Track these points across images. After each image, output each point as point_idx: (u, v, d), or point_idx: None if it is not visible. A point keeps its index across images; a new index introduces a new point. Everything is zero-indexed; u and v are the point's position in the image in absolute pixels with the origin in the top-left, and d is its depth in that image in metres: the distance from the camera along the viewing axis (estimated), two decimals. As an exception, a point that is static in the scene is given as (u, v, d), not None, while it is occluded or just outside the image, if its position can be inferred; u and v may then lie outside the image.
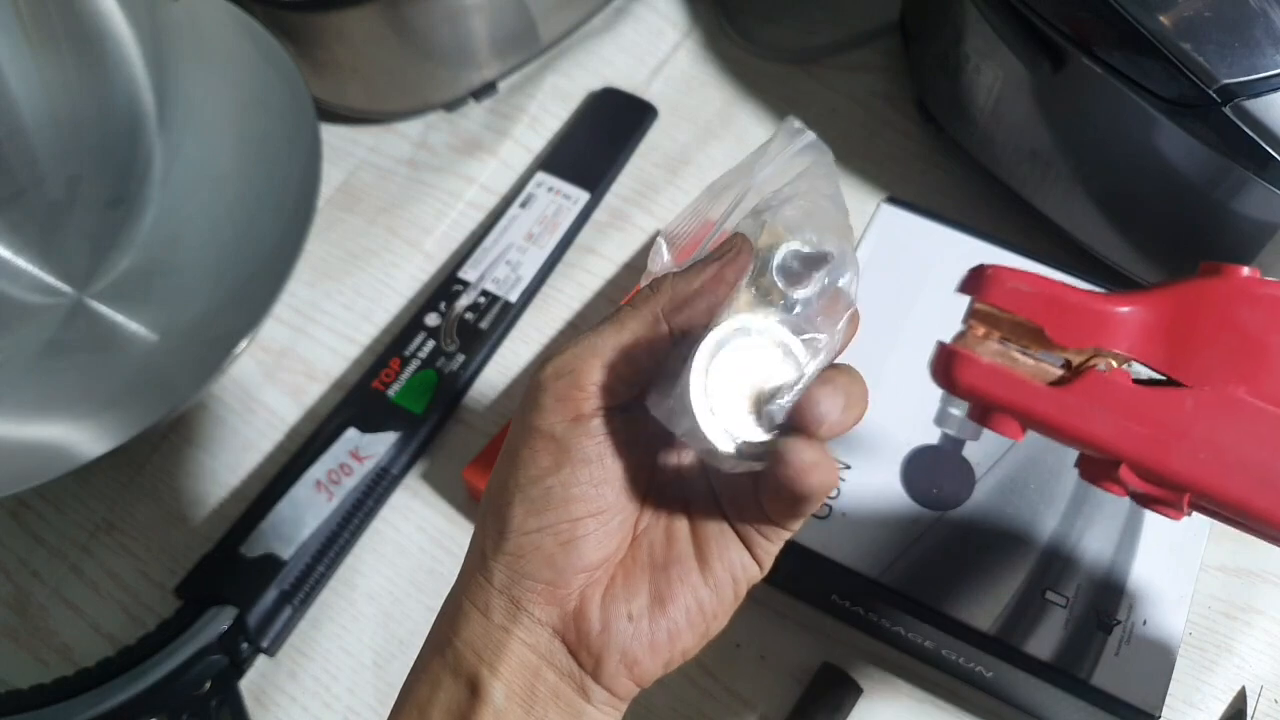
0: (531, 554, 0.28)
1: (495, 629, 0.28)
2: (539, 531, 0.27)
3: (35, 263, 0.58)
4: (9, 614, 0.50)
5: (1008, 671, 0.42)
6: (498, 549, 0.28)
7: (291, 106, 0.53)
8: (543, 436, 0.27)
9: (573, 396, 0.27)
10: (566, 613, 0.28)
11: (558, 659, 0.28)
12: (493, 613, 0.28)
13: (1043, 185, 0.54)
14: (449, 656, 0.28)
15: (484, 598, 0.28)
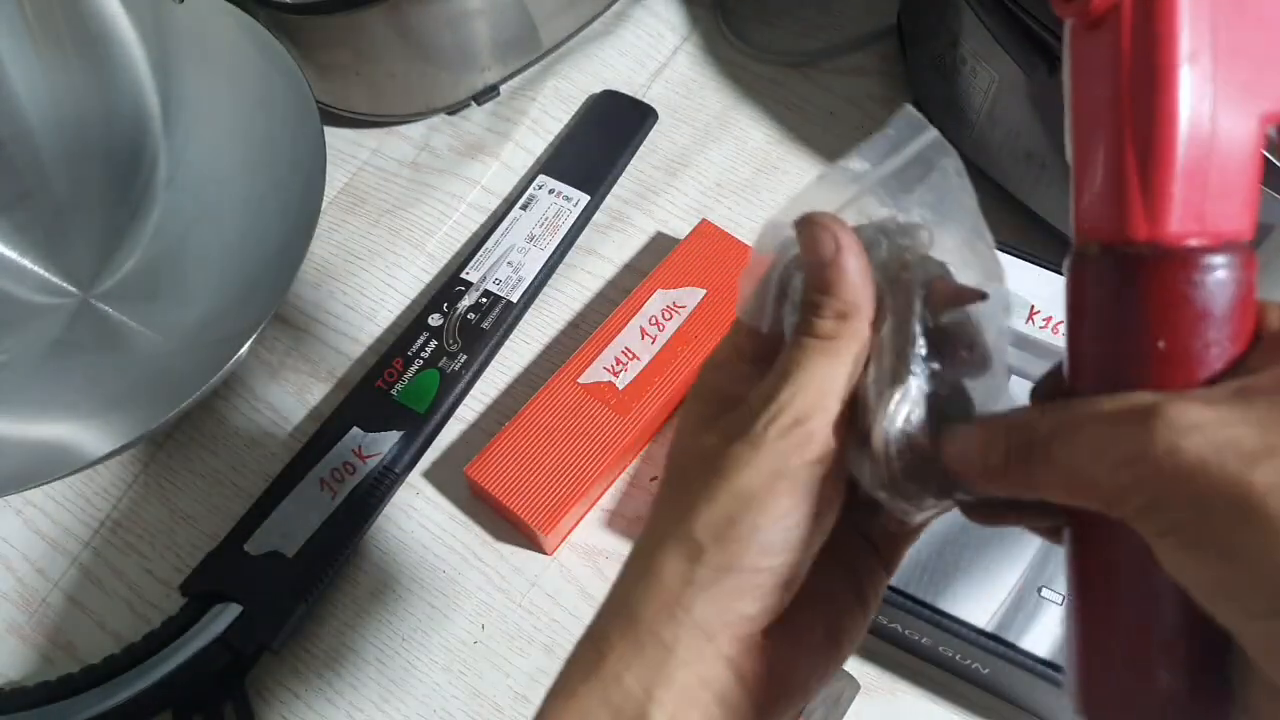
0: (750, 593, 0.26)
1: (675, 663, 0.26)
2: (766, 571, 0.26)
3: (41, 263, 0.58)
4: (15, 612, 0.50)
5: (1004, 668, 0.42)
6: (714, 583, 0.26)
7: (295, 109, 0.53)
8: (786, 480, 0.26)
9: (814, 439, 0.26)
10: (751, 646, 0.26)
11: (728, 693, 0.26)
12: (678, 647, 0.26)
13: (1038, 187, 0.54)
14: (613, 692, 0.26)
15: (673, 631, 0.26)
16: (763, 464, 0.26)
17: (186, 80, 0.58)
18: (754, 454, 0.26)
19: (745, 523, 0.26)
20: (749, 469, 0.26)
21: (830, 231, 0.27)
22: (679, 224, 0.60)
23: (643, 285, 0.54)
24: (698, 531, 0.26)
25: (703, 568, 0.26)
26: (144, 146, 0.59)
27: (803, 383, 0.26)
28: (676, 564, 0.26)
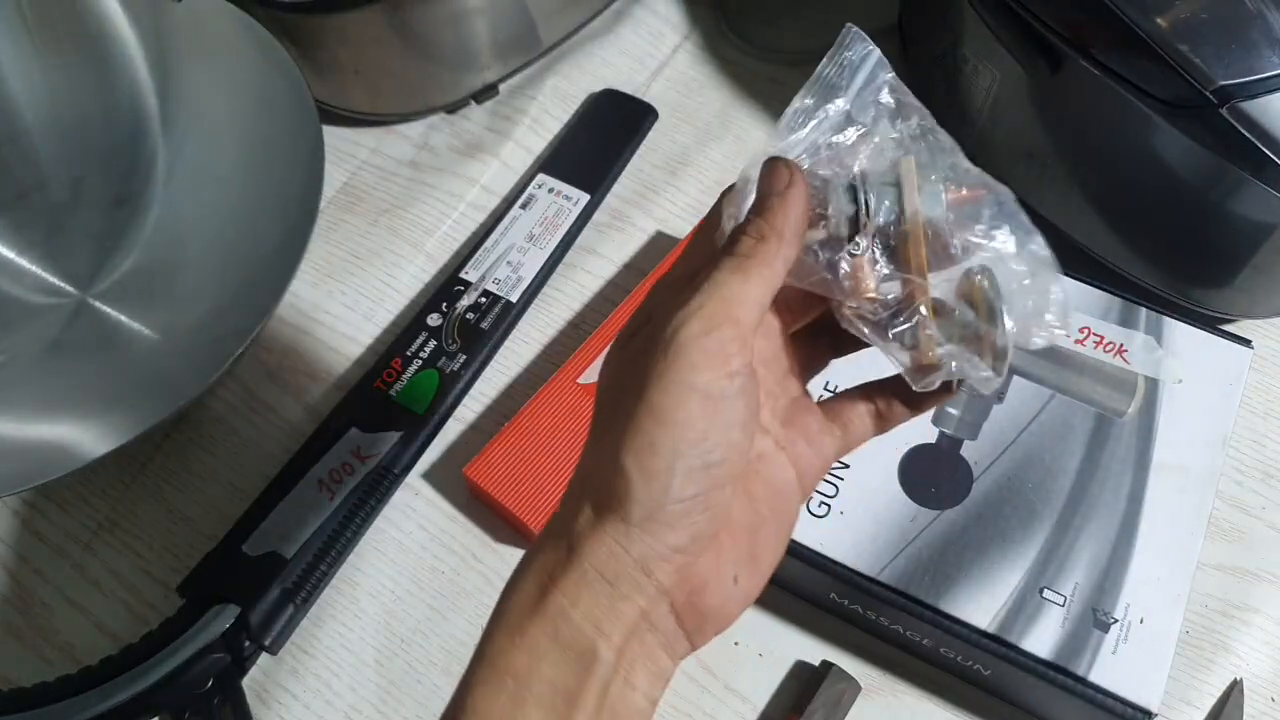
0: (681, 522, 0.26)
1: (619, 599, 0.26)
2: (693, 498, 0.26)
3: (39, 263, 0.58)
4: (12, 612, 0.50)
5: (1006, 669, 0.42)
6: (648, 517, 0.26)
7: (294, 108, 0.53)
8: (698, 395, 0.26)
9: (725, 352, 0.26)
10: (685, 578, 0.27)
11: (663, 622, 0.27)
12: (621, 583, 0.26)
13: (1040, 187, 0.54)
14: (561, 628, 0.26)
15: (614, 567, 0.26)
16: (674, 378, 0.26)
17: (185, 79, 0.58)
18: (665, 367, 0.26)
19: (665, 447, 0.26)
20: (662, 383, 0.26)
21: (787, 170, 0.28)
22: (679, 223, 0.60)
23: (643, 285, 0.54)
24: (626, 461, 0.26)
25: (633, 503, 0.26)
26: (142, 146, 0.59)
27: (710, 294, 0.26)
28: (611, 501, 0.26)
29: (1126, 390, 0.47)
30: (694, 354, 0.26)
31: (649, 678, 0.27)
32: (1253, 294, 0.52)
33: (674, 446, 0.26)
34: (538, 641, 0.26)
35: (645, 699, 0.27)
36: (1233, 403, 0.47)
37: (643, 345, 0.27)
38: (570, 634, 0.26)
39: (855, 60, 0.30)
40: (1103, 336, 0.48)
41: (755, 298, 0.27)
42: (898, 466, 0.45)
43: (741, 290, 0.27)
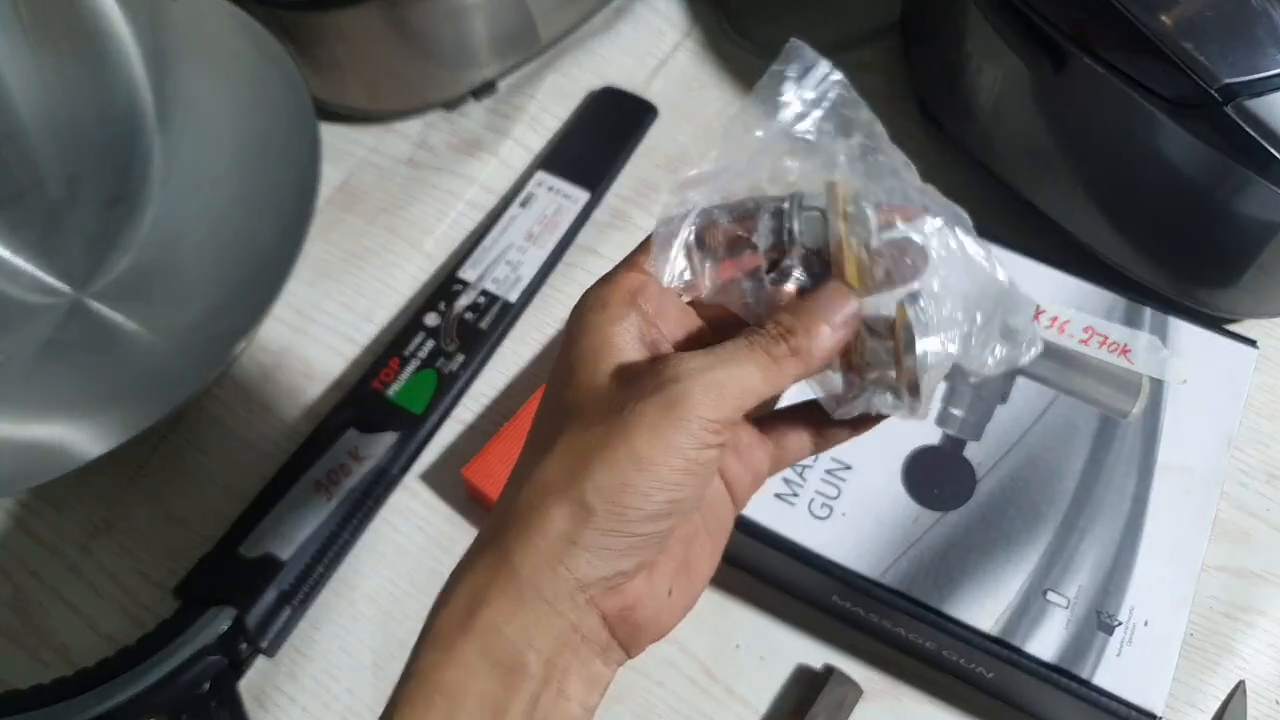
0: (631, 554, 0.27)
1: (555, 617, 0.27)
2: (649, 534, 0.27)
3: (34, 262, 0.58)
4: (8, 614, 0.50)
5: (1009, 672, 0.42)
6: (603, 547, 0.26)
7: (291, 106, 0.53)
8: (684, 458, 0.26)
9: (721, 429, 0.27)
10: (619, 596, 0.28)
11: (594, 634, 0.28)
12: (560, 602, 0.27)
13: (1044, 185, 0.54)
14: (492, 644, 0.26)
15: (554, 588, 0.27)
16: (669, 436, 0.26)
17: (181, 77, 0.58)
18: (663, 421, 0.26)
19: (639, 490, 0.26)
20: (654, 436, 0.26)
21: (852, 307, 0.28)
22: (679, 222, 0.59)
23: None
24: (589, 494, 0.26)
25: (589, 530, 0.26)
26: (138, 144, 0.59)
27: (729, 375, 0.27)
28: (562, 524, 0.26)
29: (1131, 391, 0.47)
30: (693, 424, 0.26)
31: (584, 685, 0.28)
32: (1258, 294, 0.51)
33: (647, 491, 0.26)
34: (467, 657, 0.26)
35: (580, 707, 0.28)
36: (1238, 403, 0.47)
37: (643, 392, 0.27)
38: (501, 650, 0.26)
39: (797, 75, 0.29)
40: (1107, 336, 0.48)
41: (762, 394, 0.27)
42: (901, 468, 0.45)
43: (757, 385, 0.27)
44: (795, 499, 0.44)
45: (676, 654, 0.46)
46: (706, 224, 0.29)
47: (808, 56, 0.29)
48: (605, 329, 0.28)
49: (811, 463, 0.45)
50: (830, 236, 0.28)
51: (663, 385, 0.26)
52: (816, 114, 0.29)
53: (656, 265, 0.29)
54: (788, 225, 0.28)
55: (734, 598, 0.47)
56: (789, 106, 0.29)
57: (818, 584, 0.44)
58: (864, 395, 0.29)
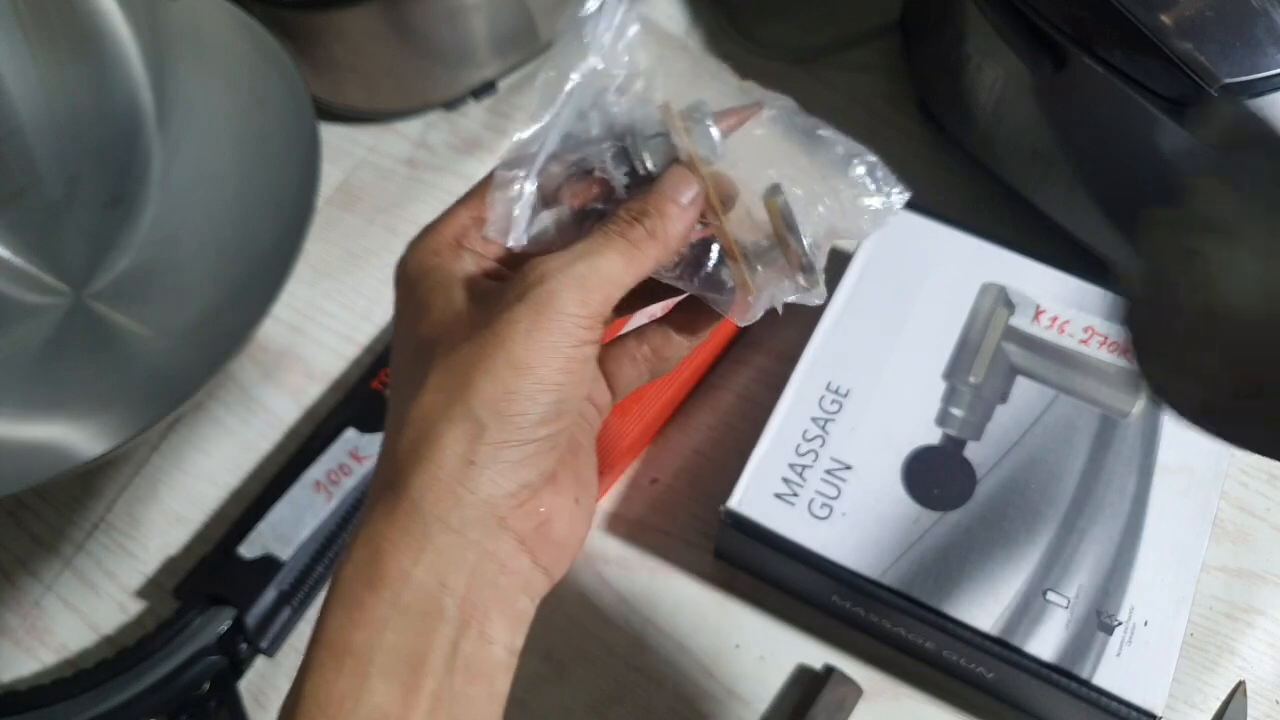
0: (531, 460, 0.26)
1: (464, 545, 0.26)
2: (544, 438, 0.26)
3: (34, 262, 0.58)
4: (7, 614, 0.50)
5: (1009, 672, 0.42)
6: (497, 459, 0.26)
7: (290, 105, 0.52)
8: (563, 356, 0.26)
9: (594, 323, 0.27)
10: (530, 512, 0.27)
11: (513, 561, 0.27)
12: (466, 529, 0.26)
13: (1043, 184, 0.54)
14: (402, 592, 0.25)
15: (459, 513, 0.26)
16: (544, 337, 0.26)
17: (181, 77, 0.58)
18: (537, 323, 0.26)
19: (524, 394, 0.26)
20: (529, 340, 0.26)
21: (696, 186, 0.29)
22: (679, 222, 0.59)
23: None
24: (477, 408, 0.26)
25: (484, 445, 0.26)
26: (138, 144, 0.59)
27: (592, 266, 0.27)
28: (457, 445, 0.26)
29: (1131, 390, 0.47)
30: (565, 321, 0.26)
31: (507, 625, 0.27)
32: (1257, 293, 0.51)
33: (532, 394, 0.26)
34: (377, 611, 0.25)
35: (504, 650, 0.27)
36: (1238, 403, 0.47)
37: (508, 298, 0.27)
38: (412, 595, 0.25)
39: (594, 13, 0.29)
40: (1107, 336, 0.48)
41: (627, 283, 0.28)
42: (901, 468, 0.45)
43: (620, 273, 0.28)
44: (795, 499, 0.44)
45: (676, 653, 0.46)
46: (546, 178, 0.29)
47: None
48: (446, 267, 0.29)
49: (811, 463, 0.45)
50: (680, 153, 0.29)
51: (529, 289, 0.27)
52: (624, 47, 0.29)
53: (498, 228, 0.29)
54: (636, 159, 0.29)
55: (734, 598, 0.47)
56: (595, 48, 0.29)
57: (818, 584, 0.44)
58: (765, 293, 0.29)
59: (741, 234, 0.29)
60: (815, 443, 0.46)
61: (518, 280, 0.27)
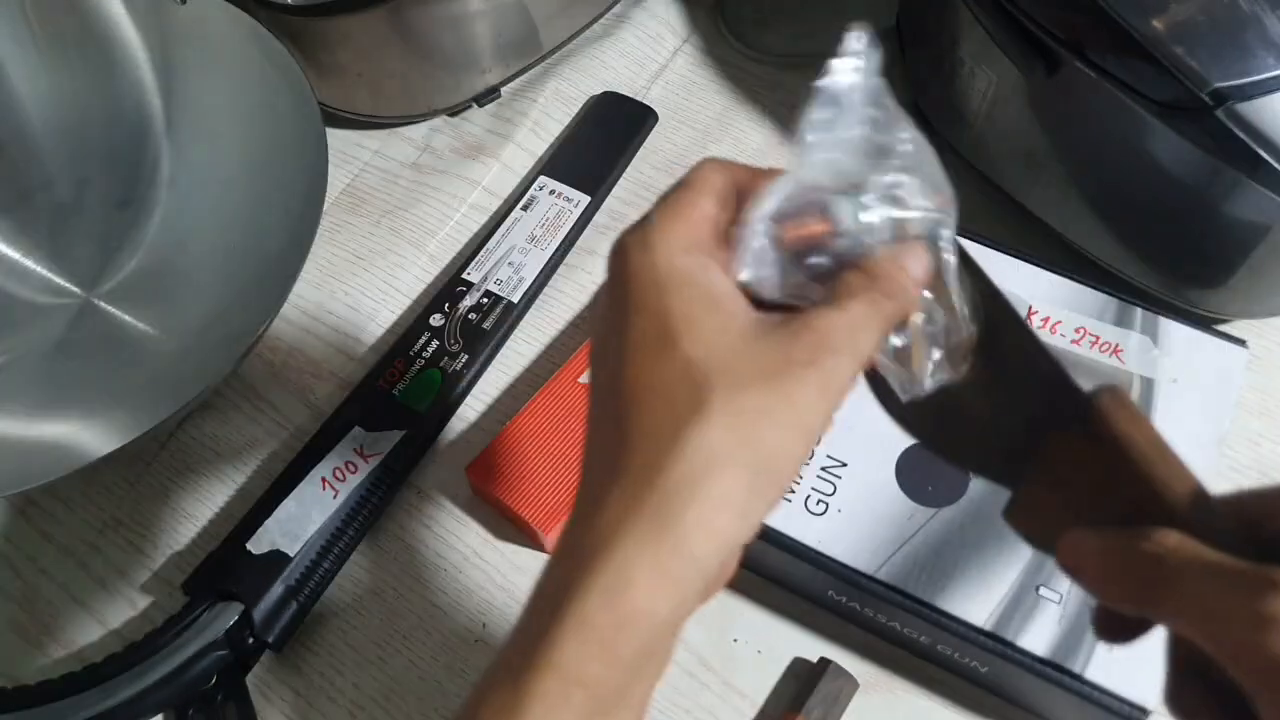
0: (768, 514, 0.26)
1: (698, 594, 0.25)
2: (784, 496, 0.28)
3: (44, 264, 0.58)
4: (17, 610, 0.50)
5: (1002, 666, 0.42)
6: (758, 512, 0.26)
7: (297, 110, 0.53)
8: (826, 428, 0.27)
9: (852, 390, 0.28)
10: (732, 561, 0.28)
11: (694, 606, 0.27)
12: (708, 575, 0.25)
13: (1036, 188, 0.54)
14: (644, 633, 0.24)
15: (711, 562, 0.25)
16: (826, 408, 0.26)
17: (189, 81, 0.59)
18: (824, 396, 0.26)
19: (796, 458, 0.26)
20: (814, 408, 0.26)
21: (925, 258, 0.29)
22: (679, 225, 0.60)
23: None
24: (760, 460, 0.25)
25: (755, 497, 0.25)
26: (146, 147, 0.59)
27: (872, 341, 0.27)
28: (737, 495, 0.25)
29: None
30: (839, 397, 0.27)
31: None
32: (1248, 294, 0.52)
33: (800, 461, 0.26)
34: (622, 653, 0.24)
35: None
36: (1228, 403, 0.47)
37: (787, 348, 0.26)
38: (650, 636, 0.24)
39: (860, 65, 0.30)
40: (1098, 337, 0.49)
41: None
42: (895, 465, 0.46)
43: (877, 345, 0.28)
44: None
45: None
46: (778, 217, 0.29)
47: (868, 48, 0.30)
48: (704, 279, 0.27)
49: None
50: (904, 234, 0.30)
51: (820, 359, 0.26)
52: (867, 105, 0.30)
53: (740, 261, 0.29)
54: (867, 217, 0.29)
55: (731, 592, 0.48)
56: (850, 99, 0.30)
57: (814, 579, 0.45)
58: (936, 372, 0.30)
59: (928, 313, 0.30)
60: (812, 440, 0.46)
61: (807, 339, 0.26)
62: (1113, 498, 0.27)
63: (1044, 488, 0.30)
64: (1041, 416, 0.29)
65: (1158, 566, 0.24)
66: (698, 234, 0.28)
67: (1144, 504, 0.27)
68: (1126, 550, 0.25)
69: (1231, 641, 0.23)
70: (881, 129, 0.30)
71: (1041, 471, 0.30)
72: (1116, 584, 0.25)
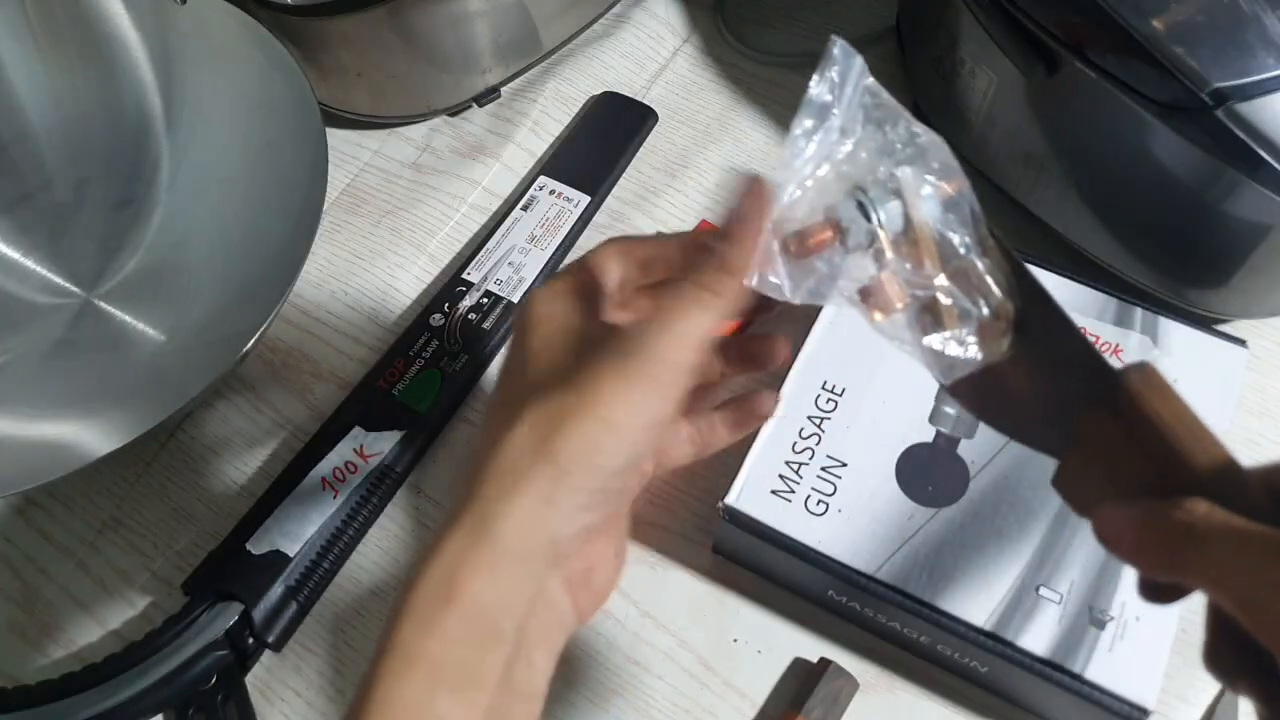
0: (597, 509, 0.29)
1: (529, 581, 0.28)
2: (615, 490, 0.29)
3: (44, 264, 0.58)
4: (17, 611, 0.50)
5: (1002, 666, 0.42)
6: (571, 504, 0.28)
7: (297, 110, 0.53)
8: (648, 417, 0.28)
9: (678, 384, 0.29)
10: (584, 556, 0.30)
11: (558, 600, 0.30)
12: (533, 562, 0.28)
13: (1036, 188, 0.54)
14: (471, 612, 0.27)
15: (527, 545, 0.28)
16: (634, 397, 0.28)
17: (189, 82, 0.59)
18: (626, 386, 0.28)
19: (608, 449, 0.28)
20: (619, 400, 0.28)
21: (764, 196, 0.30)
22: (679, 225, 0.60)
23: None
24: (563, 455, 0.28)
25: (565, 490, 0.28)
26: (146, 147, 0.59)
27: (679, 328, 0.28)
28: (541, 484, 0.28)
29: (1123, 390, 0.47)
30: (654, 384, 0.28)
31: (546, 656, 0.29)
32: (1248, 294, 0.52)
33: (616, 449, 0.28)
34: (448, 627, 0.27)
35: (543, 678, 0.29)
36: (1228, 403, 0.47)
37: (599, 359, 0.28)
38: (479, 616, 0.27)
39: (844, 72, 0.31)
40: (1099, 337, 0.49)
41: (710, 333, 0.29)
42: (895, 465, 0.46)
43: (703, 327, 0.29)
44: (792, 495, 0.45)
45: (674, 647, 0.47)
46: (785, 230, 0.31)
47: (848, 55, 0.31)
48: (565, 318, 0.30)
49: (808, 460, 0.46)
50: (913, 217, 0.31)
51: (620, 351, 0.28)
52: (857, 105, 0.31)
53: None
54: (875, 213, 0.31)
55: (732, 592, 0.48)
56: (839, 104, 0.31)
57: (814, 579, 0.45)
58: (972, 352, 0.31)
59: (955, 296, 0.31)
60: (811, 440, 0.46)
61: (611, 338, 0.29)
62: (1146, 471, 0.28)
63: (1083, 460, 0.30)
64: (1077, 392, 0.30)
65: (1188, 535, 0.25)
66: (574, 288, 0.31)
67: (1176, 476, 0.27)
68: (1159, 520, 0.26)
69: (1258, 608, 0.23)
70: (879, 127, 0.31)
71: (1080, 445, 0.30)
72: (1151, 553, 0.26)
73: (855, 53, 0.31)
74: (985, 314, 0.31)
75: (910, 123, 0.31)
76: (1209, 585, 0.25)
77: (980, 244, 0.31)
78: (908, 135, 0.31)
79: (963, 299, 0.31)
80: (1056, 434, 0.31)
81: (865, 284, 0.31)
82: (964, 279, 0.31)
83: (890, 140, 0.31)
